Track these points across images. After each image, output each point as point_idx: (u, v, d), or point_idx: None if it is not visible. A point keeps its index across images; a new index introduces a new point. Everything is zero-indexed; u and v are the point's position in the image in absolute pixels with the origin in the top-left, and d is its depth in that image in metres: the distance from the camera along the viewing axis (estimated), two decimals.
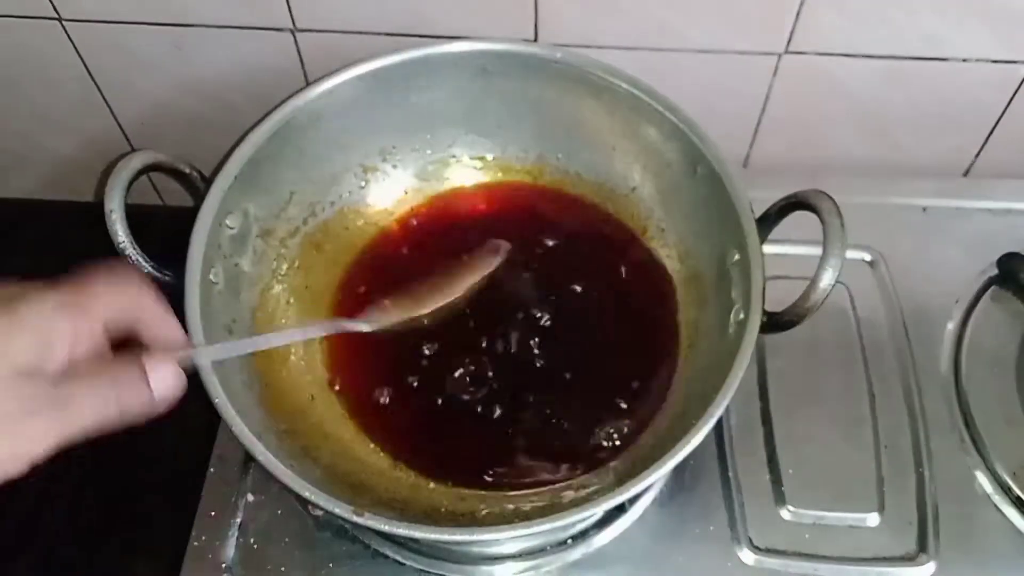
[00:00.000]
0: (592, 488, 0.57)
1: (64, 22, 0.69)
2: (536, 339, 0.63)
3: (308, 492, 0.47)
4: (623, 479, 0.54)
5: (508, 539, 0.49)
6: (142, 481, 0.71)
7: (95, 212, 0.74)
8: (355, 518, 0.47)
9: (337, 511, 0.47)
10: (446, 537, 0.49)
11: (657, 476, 0.48)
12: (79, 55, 0.72)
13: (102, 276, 0.42)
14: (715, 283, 0.61)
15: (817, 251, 0.56)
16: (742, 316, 0.55)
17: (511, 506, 0.57)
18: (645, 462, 0.54)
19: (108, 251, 0.54)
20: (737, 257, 0.57)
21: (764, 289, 0.54)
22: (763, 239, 0.56)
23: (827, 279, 0.51)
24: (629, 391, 0.62)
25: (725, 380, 0.51)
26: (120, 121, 0.78)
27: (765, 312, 0.53)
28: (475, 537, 0.48)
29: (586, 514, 0.48)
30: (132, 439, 0.69)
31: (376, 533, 0.60)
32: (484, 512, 0.57)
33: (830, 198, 0.53)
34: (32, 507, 0.70)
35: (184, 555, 0.60)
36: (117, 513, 0.70)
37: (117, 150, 0.80)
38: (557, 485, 0.59)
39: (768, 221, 0.57)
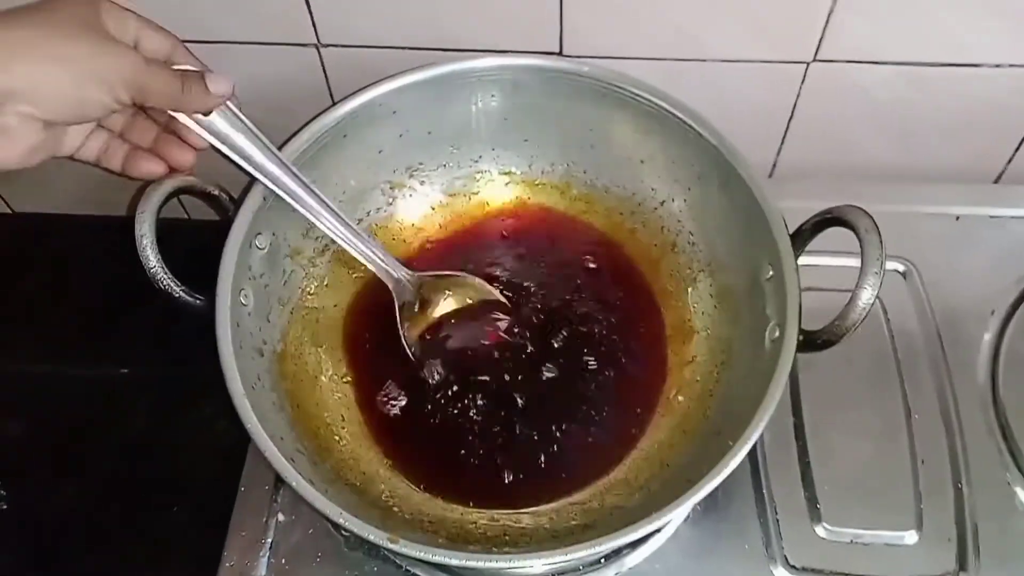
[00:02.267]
0: (625, 506, 0.57)
1: None
2: (550, 364, 0.64)
3: (342, 519, 0.47)
4: (657, 499, 0.53)
5: (537, 563, 0.48)
6: (167, 497, 0.71)
7: (120, 227, 0.74)
8: (390, 545, 0.47)
9: (371, 538, 0.47)
10: (482, 564, 0.48)
11: (695, 500, 0.48)
12: None
13: None
14: (748, 299, 0.60)
15: (848, 261, 0.56)
16: (777, 334, 0.54)
17: (546, 524, 0.57)
18: (679, 483, 0.53)
19: (133, 266, 0.54)
20: (771, 273, 0.56)
21: (800, 308, 0.53)
22: (797, 255, 0.55)
23: (866, 297, 0.50)
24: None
25: (761, 402, 0.50)
26: None
27: (802, 331, 0.53)
28: (512, 565, 0.48)
29: (623, 540, 0.47)
30: (157, 455, 0.72)
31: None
32: (519, 532, 0.56)
33: (867, 214, 0.52)
34: (56, 518, 0.71)
35: (210, 573, 0.60)
36: (143, 528, 0.70)
37: None
38: (585, 497, 0.59)
39: (802, 237, 0.56)
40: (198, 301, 0.54)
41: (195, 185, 0.57)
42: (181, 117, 0.53)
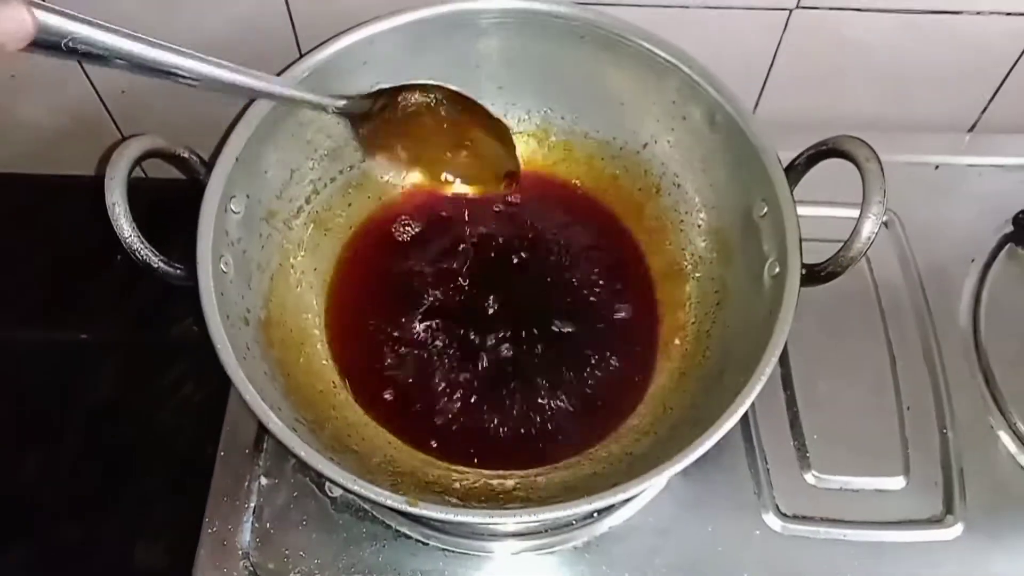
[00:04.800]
0: (634, 451, 0.57)
1: None
2: (544, 314, 0.63)
3: (357, 485, 0.46)
4: (665, 443, 0.54)
5: (562, 515, 0.48)
6: (139, 463, 0.69)
7: (72, 186, 0.70)
8: (409, 508, 0.46)
9: (390, 503, 0.46)
10: (503, 520, 0.47)
11: (715, 439, 0.48)
12: None
13: None
14: (741, 237, 0.60)
15: (829, 211, 0.56)
16: (778, 270, 0.54)
17: (559, 478, 0.57)
18: (684, 425, 0.54)
19: (88, 228, 0.52)
20: (766, 210, 0.56)
21: (801, 241, 0.53)
22: (792, 188, 0.55)
23: (869, 228, 0.50)
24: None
25: (771, 336, 0.50)
26: (99, 90, 0.74)
27: (804, 265, 0.52)
28: (534, 517, 0.47)
29: (638, 489, 0.47)
30: (126, 421, 0.70)
31: (399, 513, 0.59)
32: (530, 485, 0.56)
33: (866, 144, 0.51)
34: (25, 489, 0.69)
35: (187, 539, 0.59)
36: (117, 495, 0.68)
37: (97, 122, 0.76)
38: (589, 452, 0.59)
39: (796, 171, 0.55)
40: (178, 271, 0.52)
41: (165, 148, 0.54)
42: None
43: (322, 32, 0.61)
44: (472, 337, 0.63)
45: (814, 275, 0.53)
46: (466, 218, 0.67)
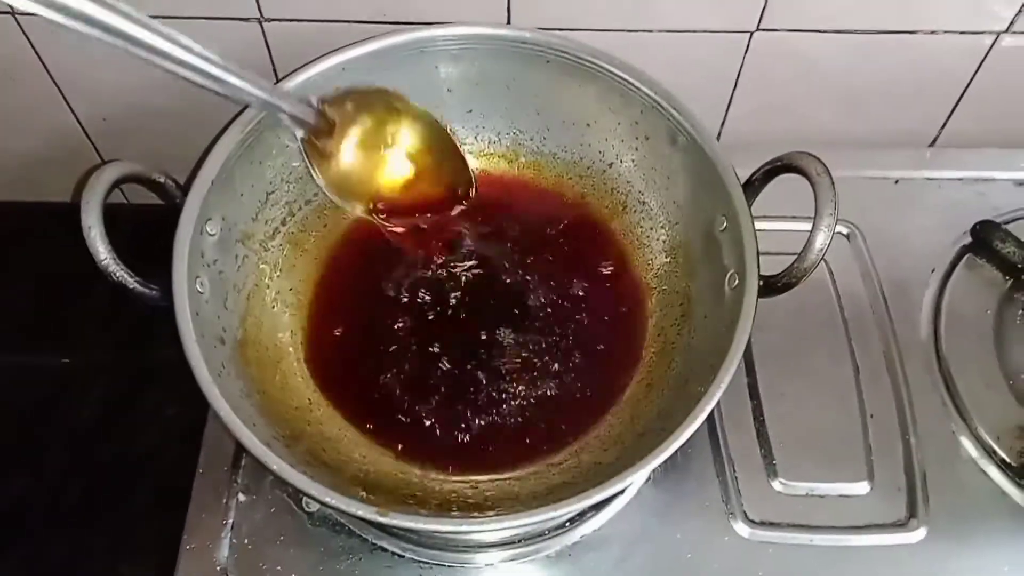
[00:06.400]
0: (602, 461, 0.58)
1: (18, 16, 0.66)
2: (515, 327, 0.65)
3: (329, 497, 0.47)
4: (632, 452, 0.55)
5: (528, 524, 0.49)
6: (123, 484, 0.70)
7: (54, 213, 0.71)
8: (379, 518, 0.47)
9: (360, 513, 0.47)
10: (473, 528, 0.49)
11: (676, 445, 0.49)
12: (35, 51, 0.69)
13: None
14: (704, 251, 0.62)
15: (792, 225, 0.57)
16: (737, 282, 0.56)
17: (529, 486, 0.58)
18: (651, 434, 0.55)
19: (69, 253, 0.52)
20: (725, 224, 0.58)
21: (758, 252, 0.55)
22: (750, 204, 0.57)
23: (822, 239, 0.52)
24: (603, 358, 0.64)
25: (730, 345, 0.51)
26: (80, 119, 0.76)
27: (761, 276, 0.54)
28: (502, 525, 0.48)
29: (610, 491, 0.49)
30: (109, 443, 0.71)
31: (374, 526, 0.60)
32: (502, 496, 0.57)
33: (818, 159, 0.53)
34: (9, 508, 0.69)
35: (171, 557, 0.60)
36: (100, 515, 0.69)
37: (78, 149, 0.78)
38: (562, 457, 0.60)
39: (754, 187, 0.57)
40: (153, 292, 0.53)
41: (140, 173, 0.55)
42: None
43: (297, 59, 0.63)
44: (446, 350, 0.64)
45: (771, 286, 0.55)
46: (441, 235, 0.69)
